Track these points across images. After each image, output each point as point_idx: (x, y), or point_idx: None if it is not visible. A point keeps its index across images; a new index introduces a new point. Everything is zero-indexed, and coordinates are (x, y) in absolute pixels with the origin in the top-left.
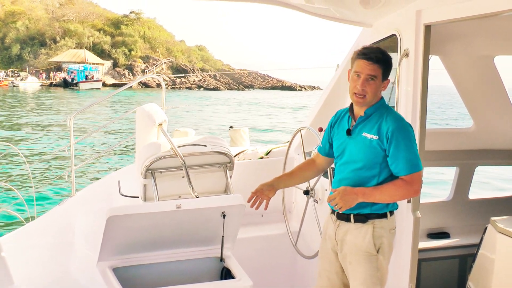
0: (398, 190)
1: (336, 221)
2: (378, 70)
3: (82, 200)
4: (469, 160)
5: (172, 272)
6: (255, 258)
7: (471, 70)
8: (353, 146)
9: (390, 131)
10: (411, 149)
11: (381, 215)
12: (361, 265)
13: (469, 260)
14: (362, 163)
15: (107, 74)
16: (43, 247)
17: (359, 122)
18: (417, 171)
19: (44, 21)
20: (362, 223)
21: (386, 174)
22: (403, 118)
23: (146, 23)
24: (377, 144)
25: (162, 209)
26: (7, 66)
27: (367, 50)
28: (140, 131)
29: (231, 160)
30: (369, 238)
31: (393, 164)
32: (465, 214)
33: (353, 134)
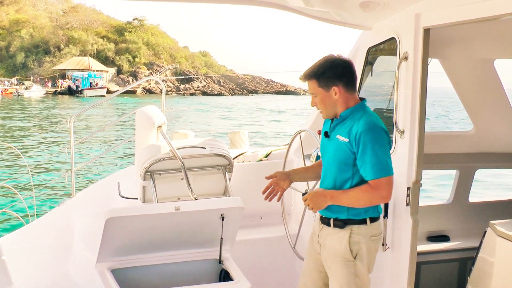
0: (363, 195)
1: (320, 224)
2: (313, 84)
3: (81, 201)
4: (469, 163)
5: (170, 274)
6: (253, 260)
7: (471, 74)
8: (329, 148)
9: (358, 134)
10: (378, 154)
11: (360, 221)
12: (339, 270)
13: (468, 263)
14: (335, 165)
15: (111, 81)
16: (42, 248)
17: (335, 124)
18: (384, 176)
19: (48, 29)
20: (340, 228)
21: (359, 178)
22: (375, 122)
23: (149, 30)
24: (346, 147)
25: (161, 211)
26: (12, 74)
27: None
28: (139, 133)
29: (230, 163)
30: (345, 244)
31: (361, 167)
32: (465, 217)
33: (330, 136)
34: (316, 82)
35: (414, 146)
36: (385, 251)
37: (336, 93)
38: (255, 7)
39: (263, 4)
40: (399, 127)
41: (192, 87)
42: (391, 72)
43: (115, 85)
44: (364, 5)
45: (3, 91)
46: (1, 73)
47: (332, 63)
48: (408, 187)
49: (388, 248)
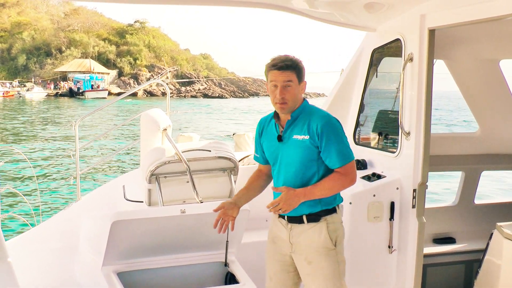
0: (335, 182)
1: (288, 225)
2: (292, 75)
3: (87, 204)
4: (474, 165)
5: (176, 276)
6: (259, 263)
7: (476, 75)
8: (286, 150)
9: (319, 128)
10: (341, 142)
11: (331, 210)
12: (322, 262)
13: (475, 265)
14: (298, 164)
15: (113, 83)
16: (48, 251)
17: (288, 126)
18: (350, 161)
19: (49, 31)
20: (315, 222)
21: (324, 169)
22: (329, 114)
23: (151, 32)
24: (309, 143)
25: (167, 214)
26: (13, 76)
27: (276, 60)
28: (144, 136)
29: (236, 165)
30: (324, 234)
31: (327, 158)
32: (471, 219)
33: (284, 139)
34: (295, 73)
35: (420, 148)
36: (391, 253)
37: (302, 88)
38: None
39: (268, 7)
40: (404, 129)
41: (193, 90)
42: (396, 74)
43: (116, 87)
44: (369, 7)
45: (5, 93)
46: (2, 75)
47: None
48: (414, 189)
49: (394, 251)
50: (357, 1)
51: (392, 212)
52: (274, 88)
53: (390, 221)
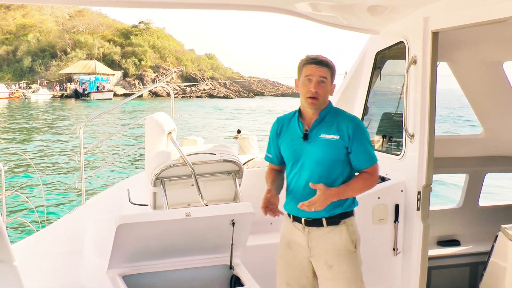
0: (366, 182)
1: (305, 228)
2: (328, 73)
3: (92, 208)
4: (479, 167)
5: (181, 280)
6: (264, 266)
7: (480, 77)
8: (312, 149)
9: (350, 129)
10: (369, 144)
11: (350, 213)
12: (344, 265)
13: (480, 268)
14: (324, 164)
15: (118, 84)
16: (54, 254)
17: (315, 125)
18: (376, 162)
19: (54, 33)
20: (335, 224)
21: (348, 171)
22: (356, 117)
23: (155, 33)
24: (339, 143)
25: (172, 217)
26: (19, 78)
27: (315, 56)
28: (149, 140)
29: (240, 168)
30: (345, 236)
31: (355, 159)
32: (475, 221)
33: (310, 138)
34: (330, 72)
35: (424, 150)
36: (396, 255)
37: (332, 91)
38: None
39: (272, 10)
40: (409, 131)
41: (198, 90)
42: (399, 76)
43: (121, 88)
44: (372, 9)
45: (10, 94)
46: (8, 77)
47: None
48: (418, 191)
49: (399, 253)
50: (360, 4)
51: (397, 215)
52: (307, 82)
53: (395, 223)
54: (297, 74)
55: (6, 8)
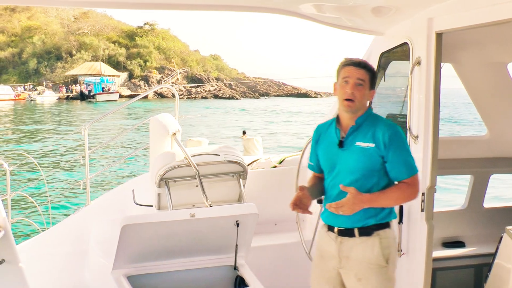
0: (403, 193)
1: (337, 238)
2: (366, 75)
3: (97, 209)
4: (483, 168)
5: (186, 280)
6: (268, 266)
7: (484, 78)
8: (347, 157)
9: (387, 138)
10: (408, 153)
11: (385, 225)
12: (373, 279)
13: (484, 269)
14: (359, 173)
15: (123, 85)
16: (59, 255)
17: (351, 132)
18: (416, 172)
19: (60, 35)
20: (367, 236)
21: (384, 181)
22: (395, 124)
23: (160, 34)
24: (374, 152)
25: (176, 218)
26: (24, 80)
27: (354, 58)
28: (154, 141)
29: (245, 169)
30: (377, 250)
31: (393, 169)
32: (480, 222)
33: (346, 145)
34: (369, 76)
35: (428, 151)
36: (400, 257)
37: (370, 96)
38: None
39: (277, 12)
40: (413, 133)
41: (204, 91)
42: (404, 77)
43: (126, 89)
44: (376, 11)
45: (16, 96)
46: (14, 79)
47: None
48: (422, 193)
49: (403, 254)
50: (364, 6)
51: (401, 216)
52: (344, 84)
53: (399, 224)
54: (336, 77)
55: (11, 11)
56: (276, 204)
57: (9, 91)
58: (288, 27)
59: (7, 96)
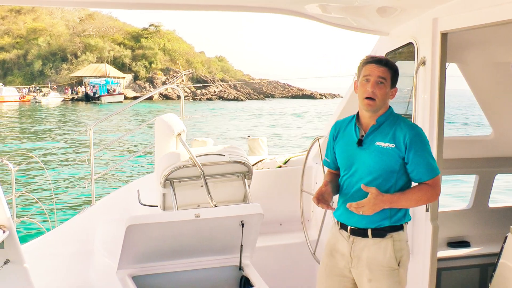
0: (424, 195)
1: (350, 237)
2: (387, 73)
3: (102, 209)
4: (488, 168)
5: (191, 280)
6: (274, 266)
7: (489, 77)
8: (366, 156)
9: (408, 138)
10: (430, 154)
11: (399, 227)
12: (384, 281)
13: (489, 269)
14: (378, 173)
15: (128, 87)
16: (64, 255)
17: (371, 131)
18: (438, 174)
19: (65, 36)
20: (381, 237)
21: (402, 182)
22: (416, 125)
23: (165, 36)
24: (394, 152)
25: (181, 218)
26: (29, 82)
27: (375, 56)
28: (159, 141)
29: (249, 169)
30: (390, 252)
31: (414, 170)
32: (485, 222)
33: (365, 144)
34: (390, 74)
35: (434, 151)
36: None
37: (392, 94)
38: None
39: (282, 12)
40: None
41: (209, 92)
42: (409, 77)
43: (132, 91)
44: (382, 11)
45: (21, 98)
46: (19, 81)
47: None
48: None
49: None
50: (370, 6)
51: None
52: (365, 82)
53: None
54: (357, 75)
55: (16, 12)
56: (281, 204)
57: (14, 93)
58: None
59: (12, 98)
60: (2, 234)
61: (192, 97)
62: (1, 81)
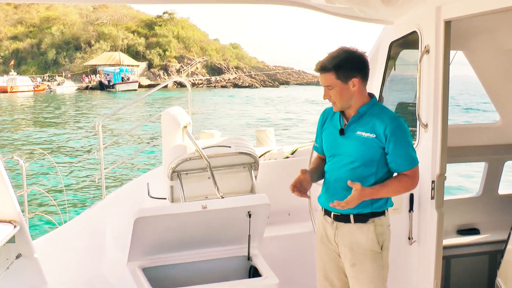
0: (403, 185)
1: (333, 223)
2: (329, 77)
3: (112, 202)
4: (497, 155)
5: (200, 271)
6: (282, 256)
7: (496, 65)
8: (347, 145)
9: (389, 130)
10: (410, 145)
11: (380, 213)
12: (367, 265)
13: (499, 256)
14: (359, 162)
15: (142, 75)
16: (75, 249)
17: (352, 121)
18: (417, 164)
19: (78, 25)
20: (363, 222)
21: (383, 171)
22: (398, 116)
23: (179, 23)
24: (374, 143)
25: (188, 210)
26: (43, 71)
27: (318, 62)
28: (166, 134)
29: (256, 160)
30: (372, 236)
31: (393, 161)
32: (494, 209)
33: (347, 133)
34: (334, 74)
35: (438, 139)
36: (411, 244)
37: (354, 85)
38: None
39: (285, 3)
40: (422, 121)
41: (223, 80)
42: (414, 66)
43: (146, 79)
44: (386, 0)
45: (35, 87)
46: (33, 70)
47: (350, 54)
48: (432, 181)
49: (414, 242)
50: None
51: (412, 204)
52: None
53: (410, 212)
54: None
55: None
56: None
57: (28, 82)
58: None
59: (26, 87)
60: (13, 229)
61: (206, 84)
62: (15, 71)
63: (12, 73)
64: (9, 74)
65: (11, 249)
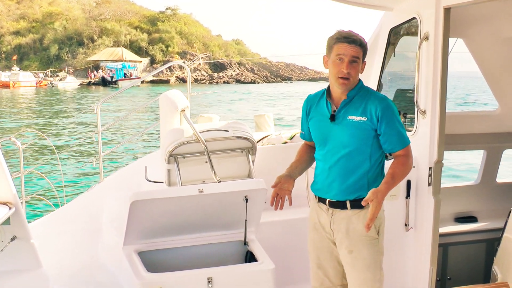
0: (404, 167)
1: (329, 210)
2: (360, 52)
3: (109, 186)
4: (496, 143)
5: (196, 255)
6: (278, 241)
7: (495, 53)
8: (339, 131)
9: (379, 111)
10: (400, 125)
11: None
12: (365, 251)
13: (496, 244)
14: (352, 147)
15: (145, 71)
16: (72, 232)
17: (343, 105)
18: (409, 143)
19: (81, 20)
20: (359, 208)
21: (376, 154)
22: (386, 97)
23: (182, 19)
24: (367, 125)
25: (185, 194)
26: (46, 66)
27: (347, 34)
28: (163, 117)
29: (253, 145)
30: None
31: (387, 141)
32: (493, 197)
33: (338, 119)
34: (362, 51)
35: (436, 126)
36: (408, 231)
37: (362, 69)
38: None
39: None
40: (420, 107)
41: (226, 75)
42: (413, 53)
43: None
44: None
45: (38, 83)
46: (35, 65)
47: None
48: (430, 167)
49: (411, 229)
50: None
51: (409, 190)
52: (339, 62)
53: (407, 199)
54: (327, 50)
55: None
56: None
57: (31, 78)
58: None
59: (29, 82)
60: (8, 210)
61: (209, 80)
62: (17, 66)
63: (15, 68)
64: (12, 69)
65: (6, 231)
